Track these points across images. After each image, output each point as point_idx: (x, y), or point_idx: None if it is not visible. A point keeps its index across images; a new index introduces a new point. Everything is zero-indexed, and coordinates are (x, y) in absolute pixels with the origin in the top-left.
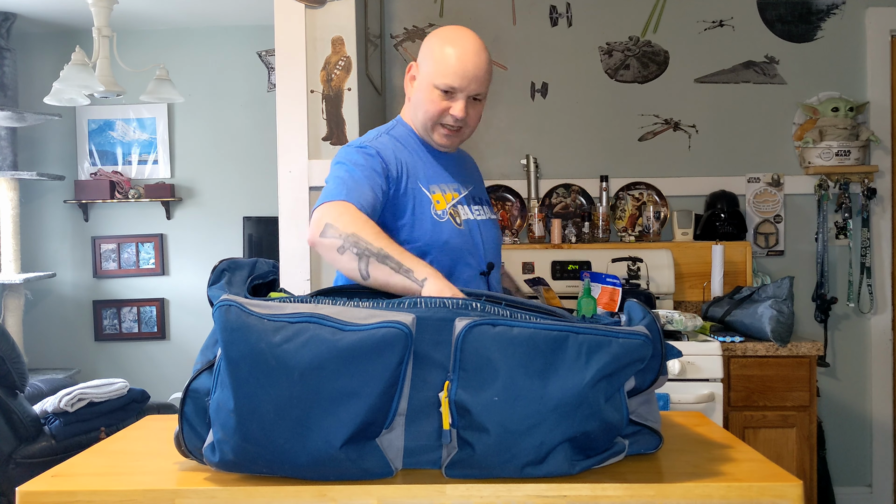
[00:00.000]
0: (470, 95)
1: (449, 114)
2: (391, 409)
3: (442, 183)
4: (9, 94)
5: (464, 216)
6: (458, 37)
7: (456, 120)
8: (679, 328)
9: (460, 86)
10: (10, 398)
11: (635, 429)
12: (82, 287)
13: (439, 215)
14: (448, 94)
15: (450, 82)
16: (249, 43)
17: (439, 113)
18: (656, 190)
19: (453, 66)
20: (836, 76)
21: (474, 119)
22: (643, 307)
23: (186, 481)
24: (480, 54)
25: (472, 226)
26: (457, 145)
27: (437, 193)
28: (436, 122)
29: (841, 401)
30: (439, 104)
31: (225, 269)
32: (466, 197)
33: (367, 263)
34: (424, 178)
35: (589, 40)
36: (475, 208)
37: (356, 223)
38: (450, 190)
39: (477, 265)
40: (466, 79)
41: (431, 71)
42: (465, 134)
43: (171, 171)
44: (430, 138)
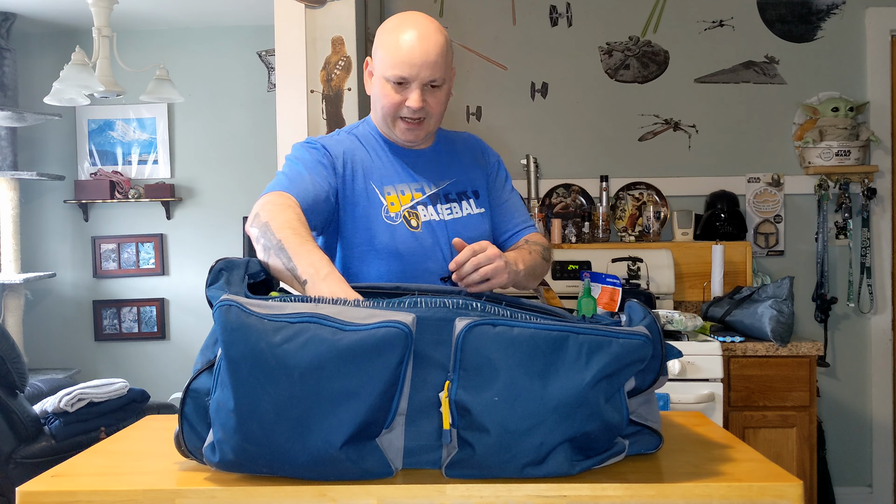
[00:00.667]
0: (424, 83)
1: (405, 106)
2: (391, 408)
3: (401, 183)
4: (9, 94)
5: (424, 218)
6: (405, 23)
7: (413, 111)
8: (679, 328)
9: (410, 75)
10: (10, 398)
11: (635, 429)
12: (82, 287)
13: (391, 218)
14: (401, 86)
15: (399, 72)
16: (249, 43)
17: (395, 106)
18: (656, 190)
19: (401, 55)
20: (836, 76)
21: (436, 107)
22: (643, 307)
23: (186, 481)
24: (430, 38)
25: (434, 227)
26: (422, 138)
27: (392, 195)
28: (394, 116)
29: (841, 401)
30: (393, 97)
31: (222, 268)
32: (433, 196)
33: (268, 255)
34: (380, 179)
35: (589, 40)
36: (445, 207)
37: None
38: (410, 190)
39: (437, 270)
40: (416, 66)
41: (381, 63)
42: (429, 125)
43: (171, 171)
44: (393, 134)
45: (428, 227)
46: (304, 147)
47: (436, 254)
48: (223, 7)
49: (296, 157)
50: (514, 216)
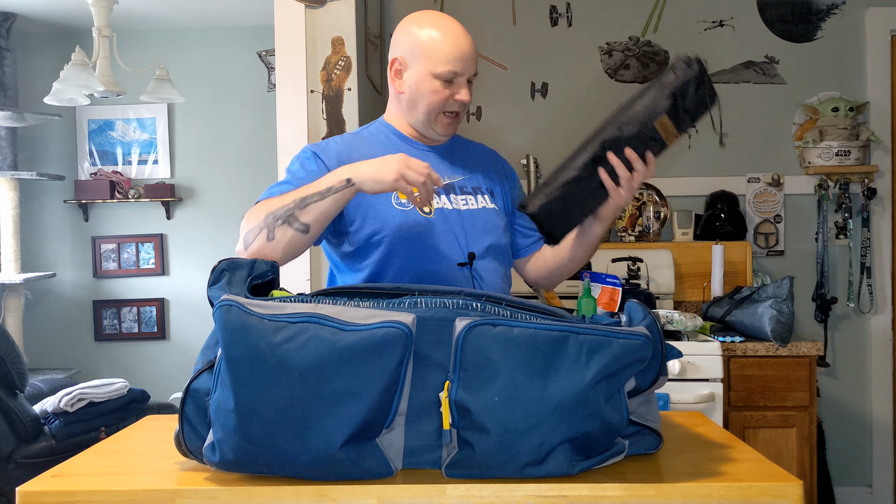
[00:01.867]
0: (469, 76)
1: (454, 100)
2: (391, 408)
3: None
4: (9, 94)
5: (437, 205)
6: (442, 21)
7: (462, 105)
8: (679, 328)
9: (463, 69)
10: (10, 398)
11: (635, 429)
12: (82, 287)
13: (403, 204)
14: (450, 81)
15: (453, 68)
16: (249, 43)
17: (443, 101)
18: (656, 190)
19: (450, 51)
20: (836, 76)
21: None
22: (643, 307)
23: (186, 481)
24: (467, 34)
25: (448, 215)
26: (455, 131)
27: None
28: (440, 111)
29: (841, 401)
30: (443, 93)
31: (224, 269)
32: (447, 186)
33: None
34: None
35: (589, 40)
36: (461, 198)
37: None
38: None
39: (453, 255)
40: (467, 60)
41: (429, 60)
42: (461, 118)
43: (171, 171)
44: (432, 130)
45: (441, 213)
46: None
47: (449, 239)
48: (223, 7)
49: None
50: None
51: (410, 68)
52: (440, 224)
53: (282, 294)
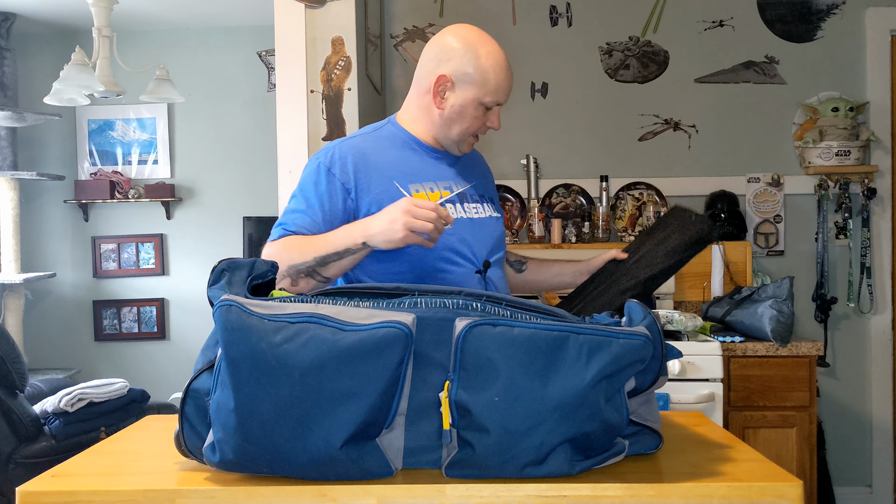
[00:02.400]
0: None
1: (486, 126)
2: (391, 408)
3: (428, 181)
4: (9, 94)
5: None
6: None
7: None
8: (679, 328)
9: (501, 101)
10: (10, 398)
11: (635, 429)
12: (82, 287)
13: None
14: (489, 109)
15: (497, 98)
16: (249, 43)
17: (478, 126)
18: (656, 190)
19: (501, 82)
20: (836, 76)
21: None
22: (643, 307)
23: (186, 481)
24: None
25: (462, 224)
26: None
27: (420, 192)
28: (469, 134)
29: (841, 401)
30: (481, 119)
31: (224, 269)
32: (461, 194)
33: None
34: (405, 178)
35: (589, 40)
36: (470, 206)
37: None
38: (438, 188)
39: (469, 264)
40: (507, 92)
41: (478, 88)
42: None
43: (171, 171)
44: (457, 148)
45: (458, 221)
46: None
47: (464, 248)
48: (223, 7)
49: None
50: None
51: (458, 90)
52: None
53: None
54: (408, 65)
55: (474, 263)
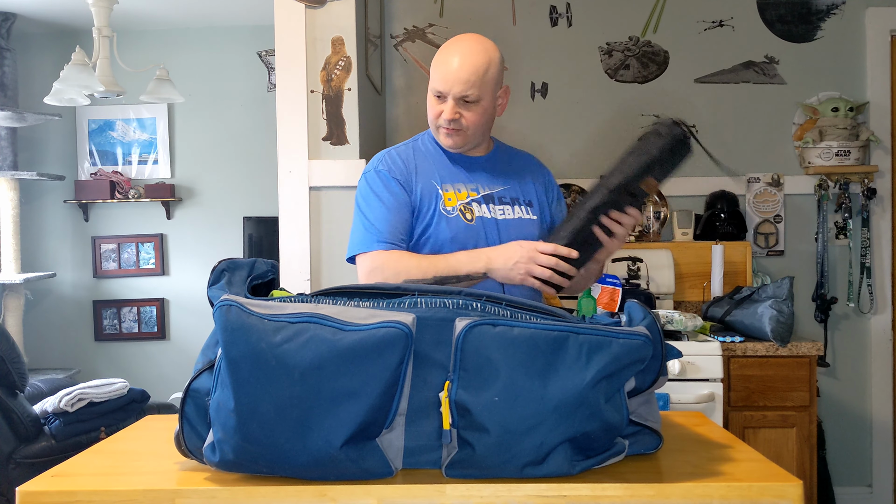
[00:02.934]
0: (457, 97)
1: (441, 116)
2: (391, 408)
3: (458, 182)
4: (9, 94)
5: (478, 213)
6: (454, 42)
7: (448, 122)
8: (679, 328)
9: (444, 89)
10: (10, 398)
11: (635, 429)
12: (82, 287)
13: (448, 211)
14: (440, 98)
15: (436, 86)
16: (249, 43)
17: (436, 115)
18: None
19: (440, 70)
20: (836, 76)
21: (472, 120)
22: (643, 307)
23: (186, 481)
24: (470, 58)
25: (486, 223)
26: (460, 145)
27: (449, 192)
28: (436, 125)
29: (841, 401)
30: (435, 108)
31: (224, 269)
32: (487, 196)
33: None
34: (439, 178)
35: (589, 40)
36: (498, 207)
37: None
38: (466, 189)
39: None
40: (449, 82)
41: (431, 78)
42: (466, 135)
43: (171, 171)
44: (438, 139)
45: (481, 221)
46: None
47: (484, 244)
48: (223, 7)
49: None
50: None
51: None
52: (480, 231)
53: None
54: (408, 65)
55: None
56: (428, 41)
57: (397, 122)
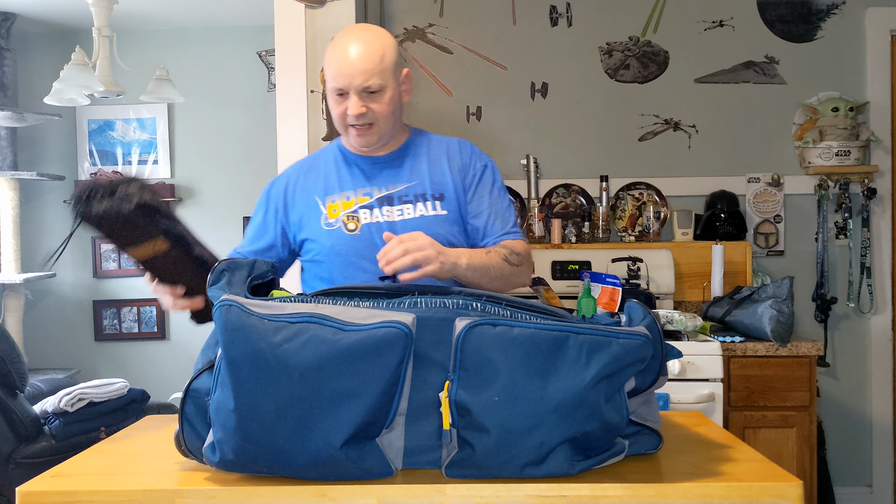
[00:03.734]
0: (360, 90)
1: (348, 114)
2: (391, 408)
3: (347, 190)
4: (9, 94)
5: (365, 220)
6: (342, 36)
7: (356, 118)
8: (679, 328)
9: (344, 84)
10: (10, 398)
11: (635, 429)
12: (82, 287)
13: (330, 224)
14: (342, 96)
15: (335, 84)
16: (249, 43)
17: (341, 116)
18: (656, 190)
19: (334, 66)
20: (836, 76)
21: (381, 111)
22: (643, 307)
23: (186, 481)
24: (365, 46)
25: (374, 229)
26: (374, 142)
27: (335, 202)
28: (345, 125)
29: (841, 401)
30: (338, 108)
31: (224, 269)
32: (383, 198)
33: None
34: (324, 191)
35: (589, 40)
36: (396, 208)
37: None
38: (356, 195)
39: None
40: (347, 75)
41: (327, 78)
42: (380, 129)
43: (171, 171)
44: (349, 141)
45: (368, 229)
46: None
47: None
48: (223, 7)
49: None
50: (496, 223)
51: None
52: (365, 239)
53: (282, 294)
54: (408, 65)
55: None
56: (428, 41)
57: None
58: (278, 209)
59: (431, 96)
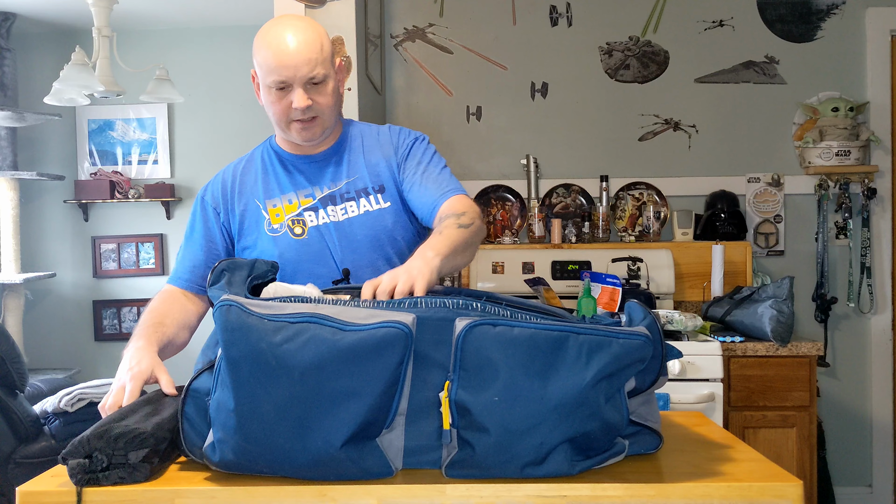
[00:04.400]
0: (305, 82)
1: (293, 108)
2: (391, 408)
3: (288, 193)
4: (9, 94)
5: (311, 223)
6: (273, 28)
7: (302, 111)
8: (679, 328)
9: (288, 76)
10: (10, 398)
11: (635, 429)
12: (82, 287)
13: (275, 230)
14: (284, 90)
15: (277, 77)
16: (249, 43)
17: (284, 111)
18: (656, 190)
19: (275, 59)
20: (836, 76)
21: (325, 103)
22: (643, 307)
23: (186, 481)
24: (298, 37)
25: (324, 231)
26: (318, 135)
27: (277, 207)
28: (287, 121)
29: (841, 401)
30: (280, 102)
31: (224, 269)
32: (326, 198)
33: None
34: (265, 194)
35: (589, 40)
36: (339, 207)
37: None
38: (298, 198)
39: (328, 274)
40: (291, 67)
41: (261, 72)
42: (324, 122)
43: (171, 171)
44: (291, 138)
45: (316, 231)
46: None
47: (325, 257)
48: (223, 7)
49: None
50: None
51: (260, 81)
52: (314, 243)
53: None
54: (408, 65)
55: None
56: (428, 41)
57: (397, 122)
58: (219, 213)
59: (431, 96)
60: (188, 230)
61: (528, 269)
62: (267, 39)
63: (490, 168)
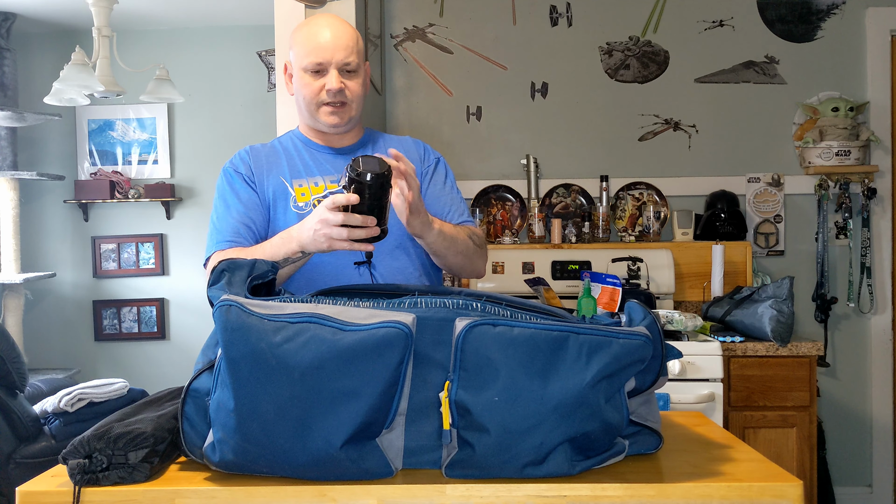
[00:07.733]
0: (340, 67)
1: (325, 90)
2: (391, 408)
3: (315, 176)
4: (9, 94)
5: None
6: (314, 19)
7: (334, 94)
8: (679, 328)
9: (325, 59)
10: (10, 398)
11: (635, 429)
12: (82, 287)
13: (300, 207)
14: (318, 73)
15: (314, 59)
16: (249, 43)
17: (315, 93)
18: (656, 190)
19: (311, 43)
20: (836, 76)
21: (355, 92)
22: (643, 307)
23: (186, 481)
24: (340, 27)
25: None
26: (346, 122)
27: (303, 186)
28: (318, 104)
29: (841, 401)
30: (313, 85)
31: (224, 269)
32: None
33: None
34: (292, 173)
35: (589, 40)
36: None
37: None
38: (325, 182)
39: (350, 254)
40: (329, 50)
41: (297, 57)
42: (352, 109)
43: (171, 171)
44: (320, 123)
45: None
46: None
47: None
48: (223, 7)
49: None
50: (452, 210)
51: (294, 68)
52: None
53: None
54: (408, 65)
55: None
56: (428, 41)
57: (397, 122)
58: (253, 181)
59: (431, 96)
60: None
61: (528, 269)
62: (308, 27)
63: (490, 168)
